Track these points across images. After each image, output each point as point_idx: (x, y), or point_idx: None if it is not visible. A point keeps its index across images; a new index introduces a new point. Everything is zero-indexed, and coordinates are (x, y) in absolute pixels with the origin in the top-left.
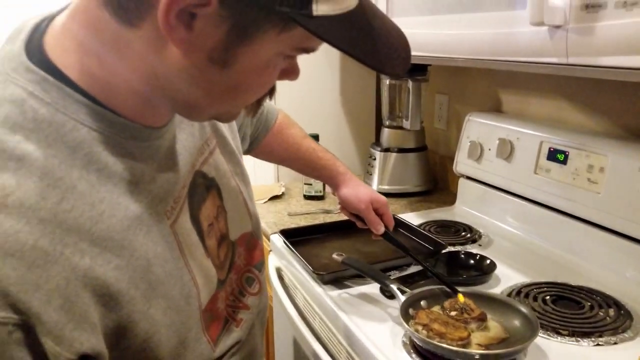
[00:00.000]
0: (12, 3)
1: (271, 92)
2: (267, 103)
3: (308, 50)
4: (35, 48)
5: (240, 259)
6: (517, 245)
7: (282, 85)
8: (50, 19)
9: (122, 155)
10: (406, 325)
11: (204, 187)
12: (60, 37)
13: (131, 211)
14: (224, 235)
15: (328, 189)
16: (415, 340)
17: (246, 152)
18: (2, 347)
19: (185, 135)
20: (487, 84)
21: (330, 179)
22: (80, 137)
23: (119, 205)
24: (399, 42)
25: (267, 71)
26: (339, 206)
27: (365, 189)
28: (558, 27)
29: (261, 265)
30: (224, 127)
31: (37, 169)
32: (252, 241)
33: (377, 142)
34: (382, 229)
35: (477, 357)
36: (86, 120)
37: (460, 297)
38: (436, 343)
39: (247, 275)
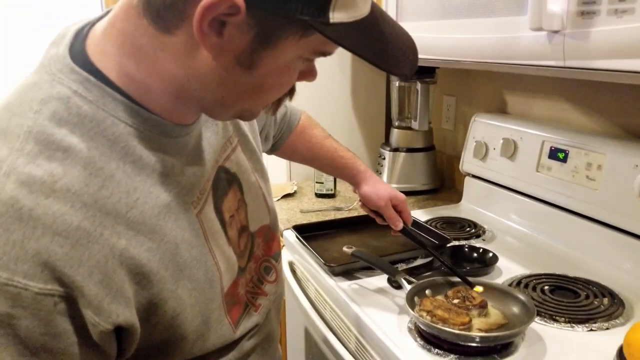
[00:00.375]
0: (12, 3)
1: (291, 93)
2: (291, 105)
3: (325, 53)
4: (78, 52)
5: (259, 249)
6: (519, 240)
7: (296, 87)
8: (90, 25)
9: (154, 149)
10: (411, 311)
11: (226, 181)
12: (101, 41)
13: (161, 200)
14: (244, 226)
15: (338, 187)
16: (420, 325)
17: (270, 152)
18: (47, 316)
19: (210, 134)
20: (493, 86)
21: (352, 177)
22: (118, 132)
23: (150, 194)
24: (408, 45)
25: (288, 72)
26: (359, 203)
27: (385, 187)
28: (556, 32)
29: (278, 255)
30: (245, 126)
31: (80, 159)
32: (270, 233)
33: (387, 142)
34: (400, 225)
35: (477, 339)
36: (123, 116)
37: (477, 289)
38: (439, 327)
39: (265, 265)
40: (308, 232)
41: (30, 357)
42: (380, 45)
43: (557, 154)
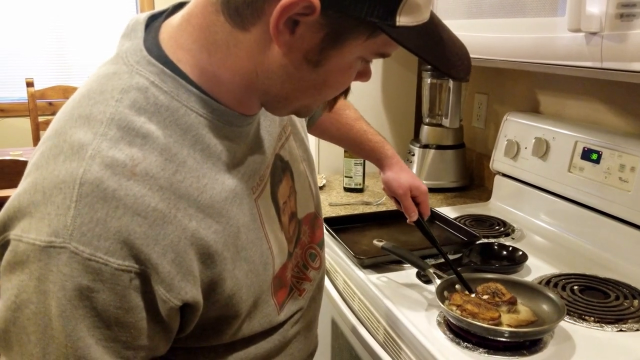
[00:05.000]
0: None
1: (346, 92)
2: None
3: (384, 55)
4: (152, 44)
5: (305, 236)
6: (549, 240)
7: None
8: (161, 18)
9: (220, 137)
10: (442, 305)
11: (281, 169)
12: (175, 35)
13: (227, 185)
14: (293, 213)
15: (367, 182)
16: (450, 318)
17: None
18: (123, 291)
19: (269, 122)
20: (526, 85)
21: (377, 161)
22: (190, 121)
23: (217, 180)
24: (462, 51)
25: (349, 72)
26: (383, 187)
27: (408, 176)
28: (594, 33)
29: (322, 243)
30: (295, 116)
31: (158, 146)
32: (315, 221)
33: (416, 138)
34: (415, 216)
35: (506, 334)
36: (195, 107)
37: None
38: (469, 321)
39: (311, 251)
40: (337, 225)
41: (104, 330)
42: (440, 49)
43: (590, 155)
